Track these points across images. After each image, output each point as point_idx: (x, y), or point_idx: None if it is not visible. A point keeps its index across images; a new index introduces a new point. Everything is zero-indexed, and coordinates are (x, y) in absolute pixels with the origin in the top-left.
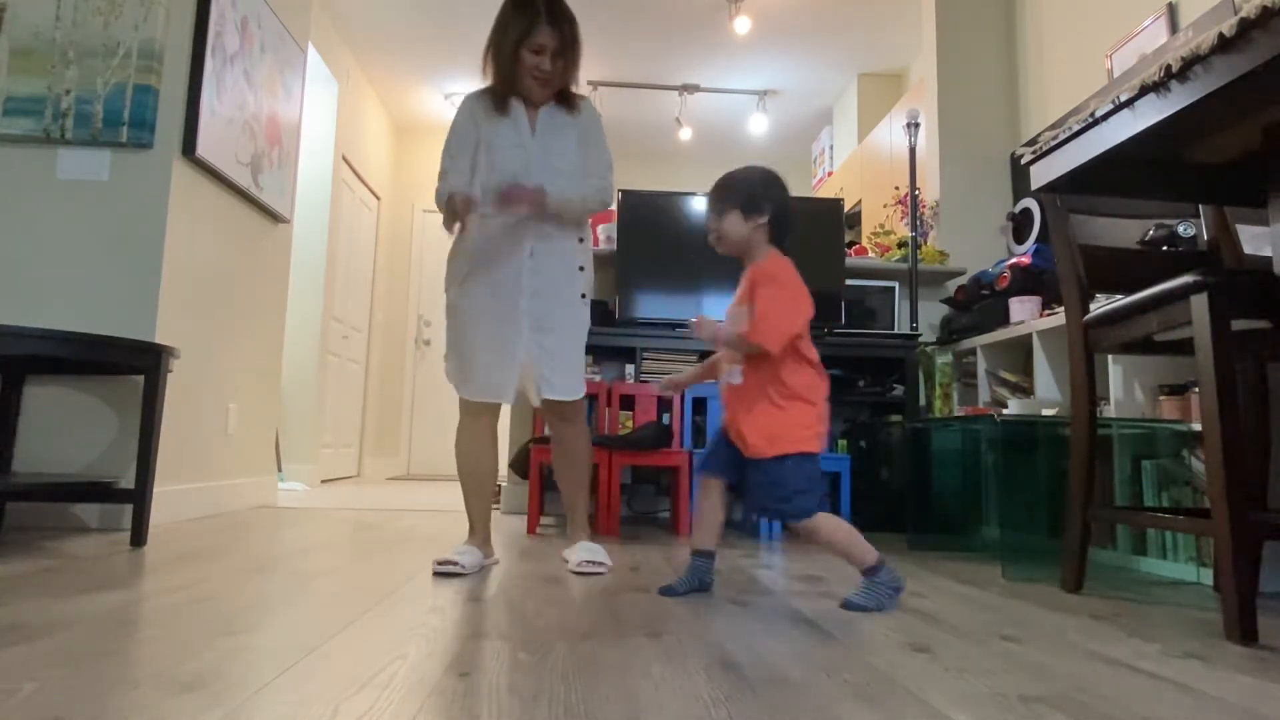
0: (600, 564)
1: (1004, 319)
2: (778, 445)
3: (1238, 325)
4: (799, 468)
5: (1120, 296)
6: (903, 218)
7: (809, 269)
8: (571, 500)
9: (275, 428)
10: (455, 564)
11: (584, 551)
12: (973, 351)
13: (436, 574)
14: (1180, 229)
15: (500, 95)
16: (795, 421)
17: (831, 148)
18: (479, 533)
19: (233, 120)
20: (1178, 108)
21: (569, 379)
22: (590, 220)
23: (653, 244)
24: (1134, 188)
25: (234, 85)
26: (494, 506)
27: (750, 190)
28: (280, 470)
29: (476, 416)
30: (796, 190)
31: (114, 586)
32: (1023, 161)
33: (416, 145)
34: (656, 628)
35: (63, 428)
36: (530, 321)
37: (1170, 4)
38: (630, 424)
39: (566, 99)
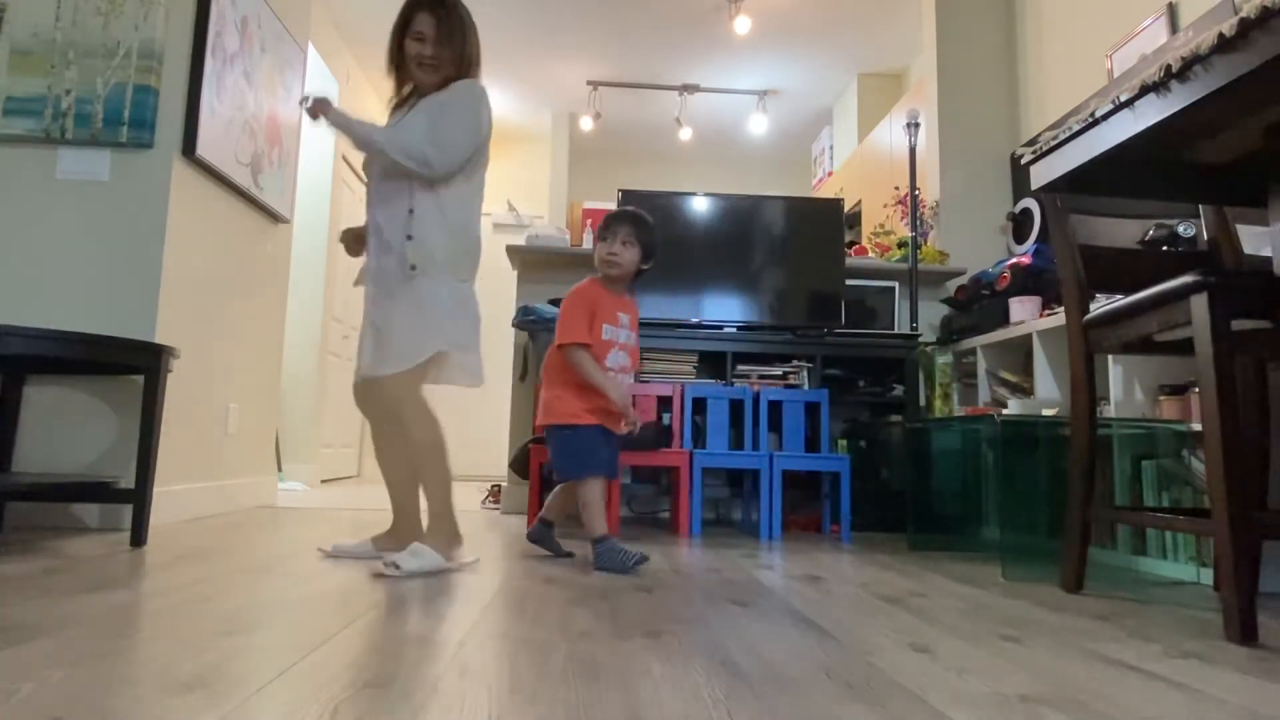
0: (396, 566)
1: (1004, 319)
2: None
3: (1238, 325)
4: None
5: (1120, 296)
6: (903, 218)
7: (809, 269)
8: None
9: (275, 428)
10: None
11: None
12: (973, 351)
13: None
14: (1180, 229)
15: (397, 88)
16: None
17: (831, 148)
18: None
19: (233, 120)
20: (1178, 108)
21: (374, 354)
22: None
23: None
24: (1134, 188)
25: (234, 85)
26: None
27: (655, 241)
28: (280, 470)
29: None
30: (797, 190)
31: (114, 586)
32: (1023, 161)
33: None
34: (656, 628)
35: (63, 428)
36: (367, 307)
37: (1170, 4)
38: None
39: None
